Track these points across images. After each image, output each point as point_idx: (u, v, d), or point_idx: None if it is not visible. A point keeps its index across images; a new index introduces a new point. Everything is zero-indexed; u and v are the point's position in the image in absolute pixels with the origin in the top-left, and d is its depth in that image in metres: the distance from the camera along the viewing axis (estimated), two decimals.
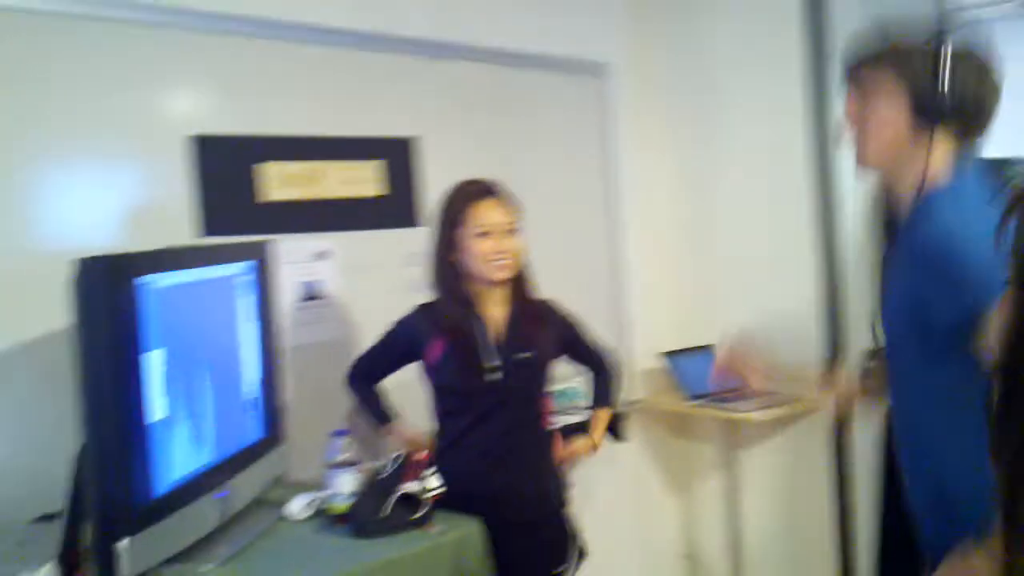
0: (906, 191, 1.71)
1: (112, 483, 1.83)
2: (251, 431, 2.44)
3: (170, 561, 1.99)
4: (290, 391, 2.94)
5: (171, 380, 2.01)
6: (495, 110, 3.60)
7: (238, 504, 2.28)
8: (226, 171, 2.83)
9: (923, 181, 1.66)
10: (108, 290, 1.84)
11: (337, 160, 3.11)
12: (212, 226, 2.78)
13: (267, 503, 2.44)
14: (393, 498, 2.23)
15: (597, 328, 3.01)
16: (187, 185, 2.75)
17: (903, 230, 1.71)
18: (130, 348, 1.88)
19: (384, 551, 2.14)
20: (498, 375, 2.53)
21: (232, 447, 2.30)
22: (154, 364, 1.95)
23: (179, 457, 2.06)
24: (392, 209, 3.24)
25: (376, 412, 2.74)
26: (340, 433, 2.38)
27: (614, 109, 4.04)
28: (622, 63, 4.06)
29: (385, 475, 2.29)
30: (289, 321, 2.97)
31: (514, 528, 2.52)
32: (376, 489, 2.26)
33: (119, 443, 1.84)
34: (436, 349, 2.56)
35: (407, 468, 2.29)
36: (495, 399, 2.53)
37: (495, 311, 2.60)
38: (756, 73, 3.81)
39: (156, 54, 2.69)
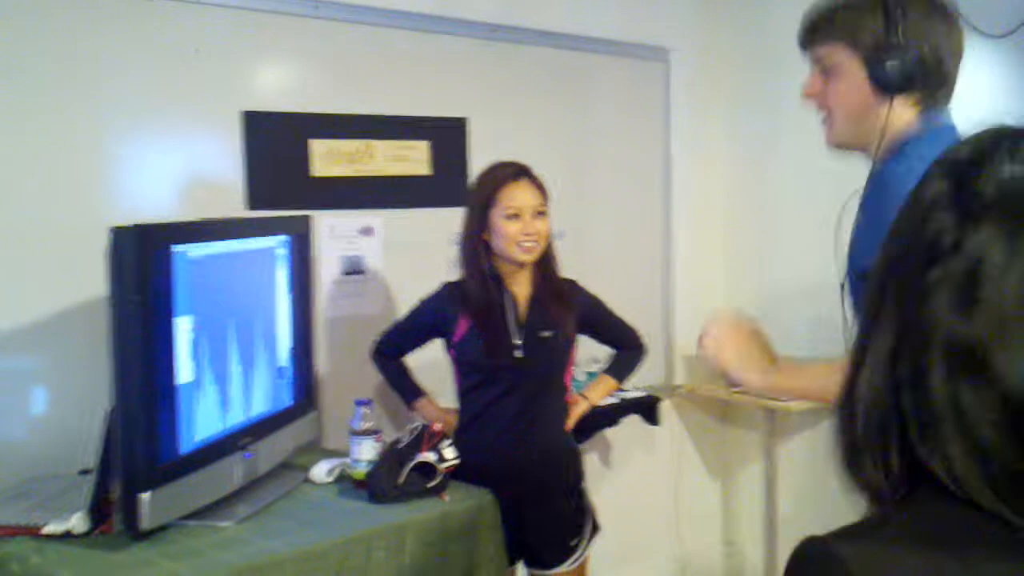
0: (874, 160, 1.67)
1: (137, 440, 1.95)
2: (282, 397, 2.56)
3: (191, 516, 2.12)
4: (327, 361, 3.07)
5: (199, 345, 2.13)
6: (551, 93, 3.66)
7: (263, 466, 2.40)
8: (276, 147, 2.95)
9: (885, 147, 1.62)
10: (139, 258, 1.95)
11: (387, 139, 3.20)
12: (260, 199, 2.90)
13: (294, 467, 2.55)
14: (409, 466, 2.32)
15: (643, 312, 3.04)
16: (239, 159, 2.87)
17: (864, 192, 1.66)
18: (158, 314, 2.00)
19: (396, 516, 2.24)
20: (520, 352, 2.61)
21: (261, 412, 2.42)
22: (182, 330, 2.07)
23: (205, 418, 2.18)
24: (439, 189, 3.32)
25: (404, 387, 2.84)
26: (362, 403, 2.48)
27: (674, 94, 4.07)
28: (684, 48, 4.08)
29: (403, 444, 2.38)
30: (330, 294, 3.08)
31: (531, 500, 2.62)
32: (393, 457, 2.35)
33: (144, 403, 1.96)
34: (461, 326, 2.65)
35: (424, 439, 2.38)
36: (517, 376, 2.62)
37: (520, 290, 2.68)
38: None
39: (211, 32, 2.81)
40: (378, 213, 3.19)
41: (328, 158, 3.06)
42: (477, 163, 3.35)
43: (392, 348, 2.86)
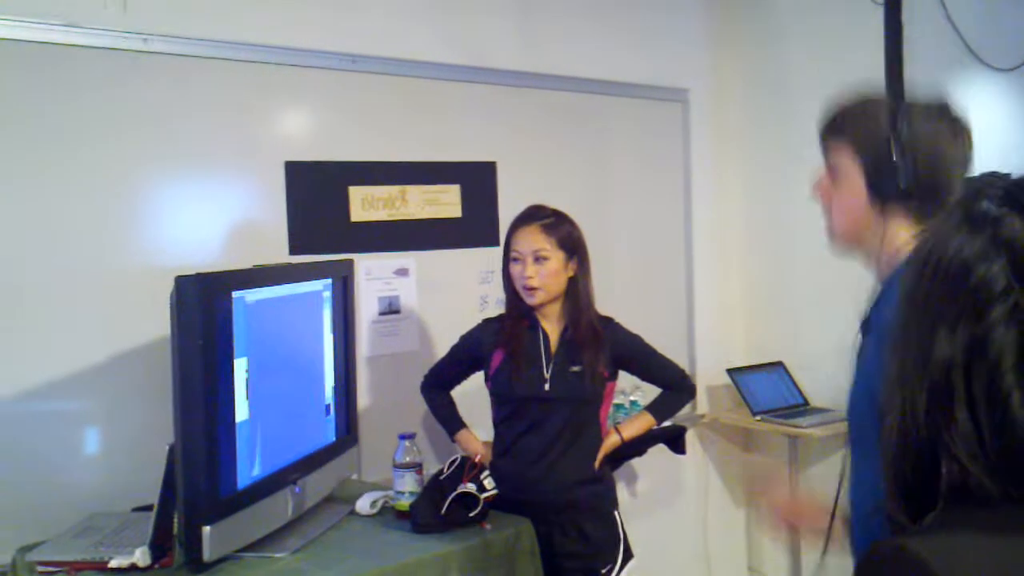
0: (875, 271, 1.65)
1: (199, 475, 2.09)
2: (327, 433, 2.69)
3: (247, 549, 2.25)
4: (367, 397, 3.20)
5: (254, 385, 2.27)
6: (575, 135, 3.81)
7: (311, 499, 2.52)
8: (316, 194, 3.10)
9: (885, 261, 1.59)
10: (201, 304, 2.09)
11: (419, 184, 3.35)
12: (301, 245, 3.05)
13: (339, 500, 2.68)
14: (450, 497, 2.45)
15: (667, 344, 3.14)
16: (282, 207, 3.02)
17: (871, 312, 1.61)
18: (219, 356, 2.14)
19: (439, 545, 2.37)
20: (548, 386, 2.73)
21: (308, 447, 2.55)
22: (239, 371, 2.21)
23: (259, 455, 2.31)
24: (469, 230, 3.47)
25: (446, 419, 2.97)
26: (405, 436, 2.61)
27: (694, 133, 4.21)
28: (702, 88, 4.23)
29: (444, 476, 2.51)
30: (369, 333, 3.22)
31: (561, 528, 2.73)
32: (435, 488, 2.48)
33: (206, 440, 2.10)
34: (496, 359, 2.79)
35: (464, 470, 2.50)
36: (545, 409, 2.74)
37: (552, 327, 2.81)
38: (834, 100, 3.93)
39: (256, 87, 2.97)
40: (412, 255, 3.34)
41: (366, 203, 3.21)
42: (505, 204, 3.51)
43: (438, 381, 3.00)
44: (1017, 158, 4.41)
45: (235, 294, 2.21)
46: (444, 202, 3.43)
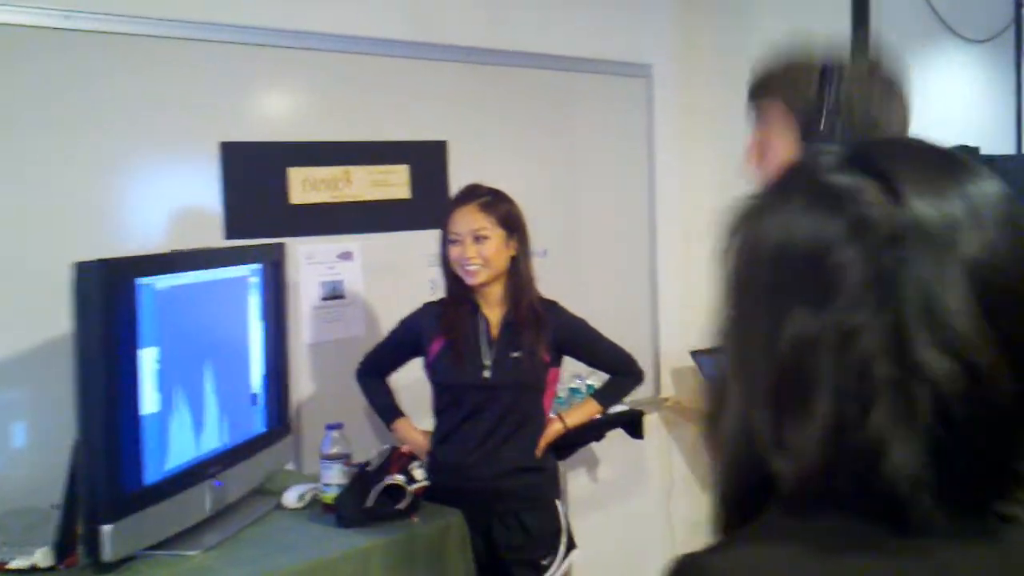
0: None
1: (99, 472, 2.00)
2: (254, 424, 2.60)
3: (159, 546, 2.16)
4: (310, 386, 3.11)
5: (165, 376, 2.17)
6: (533, 113, 3.70)
7: (234, 493, 2.43)
8: (254, 176, 2.99)
9: None
10: (102, 292, 2.00)
11: (365, 164, 3.25)
12: (238, 229, 2.94)
13: (268, 493, 2.59)
14: (377, 489, 2.36)
15: (630, 326, 3.04)
16: (217, 190, 2.92)
17: None
18: (121, 346, 2.04)
19: (362, 539, 2.28)
20: (488, 373, 2.64)
21: (231, 439, 2.46)
22: (147, 361, 2.12)
23: (174, 448, 2.22)
24: (419, 212, 3.36)
25: (382, 408, 2.88)
26: (332, 427, 2.52)
27: (658, 110, 4.10)
28: (666, 63, 4.11)
29: (371, 467, 2.42)
30: (311, 319, 3.13)
31: (500, 519, 2.65)
32: (362, 480, 2.39)
33: (106, 435, 2.00)
34: (435, 346, 2.70)
35: (393, 461, 2.41)
36: (485, 396, 2.65)
37: (493, 312, 2.72)
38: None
39: (188, 65, 2.86)
40: (357, 238, 3.23)
41: (306, 185, 3.11)
42: (457, 185, 3.40)
43: (374, 368, 2.91)
44: (987, 128, 4.31)
45: (141, 281, 2.11)
46: (392, 183, 3.33)
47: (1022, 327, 0.70)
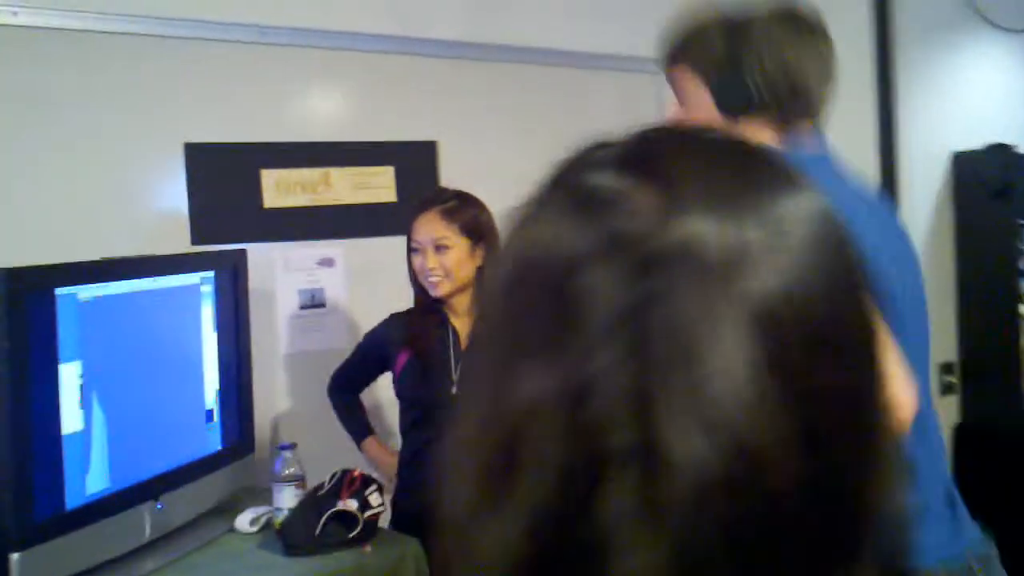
0: None
1: (7, 497, 1.84)
2: (208, 442, 2.43)
3: (89, 573, 2.00)
4: (288, 399, 2.95)
5: (92, 392, 2.02)
6: (534, 111, 3.49)
7: (180, 517, 2.27)
8: (222, 179, 2.84)
9: None
10: (9, 303, 1.84)
11: (347, 166, 3.08)
12: (205, 233, 2.79)
13: (225, 514, 2.42)
14: (326, 515, 2.18)
15: None
16: (182, 193, 2.78)
17: None
18: (36, 361, 1.89)
19: (308, 570, 2.10)
20: (455, 389, 2.45)
21: (177, 459, 2.30)
22: (68, 376, 1.96)
23: (100, 470, 2.06)
24: (405, 215, 3.17)
25: (351, 425, 2.70)
26: (284, 447, 2.35)
27: (668, 109, 3.87)
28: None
29: (322, 492, 2.24)
30: (288, 329, 2.96)
31: None
32: (311, 505, 2.21)
33: (14, 456, 1.84)
34: (401, 359, 2.51)
35: (345, 485, 2.23)
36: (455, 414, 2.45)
37: (462, 324, 2.52)
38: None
39: (148, 63, 2.72)
40: (338, 243, 3.07)
41: (280, 188, 2.95)
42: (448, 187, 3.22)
43: (345, 383, 2.73)
44: (1022, 120, 4.02)
45: (60, 291, 1.95)
46: (376, 185, 3.15)
47: (827, 385, 0.49)
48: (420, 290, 2.53)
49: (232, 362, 2.50)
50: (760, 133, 1.43)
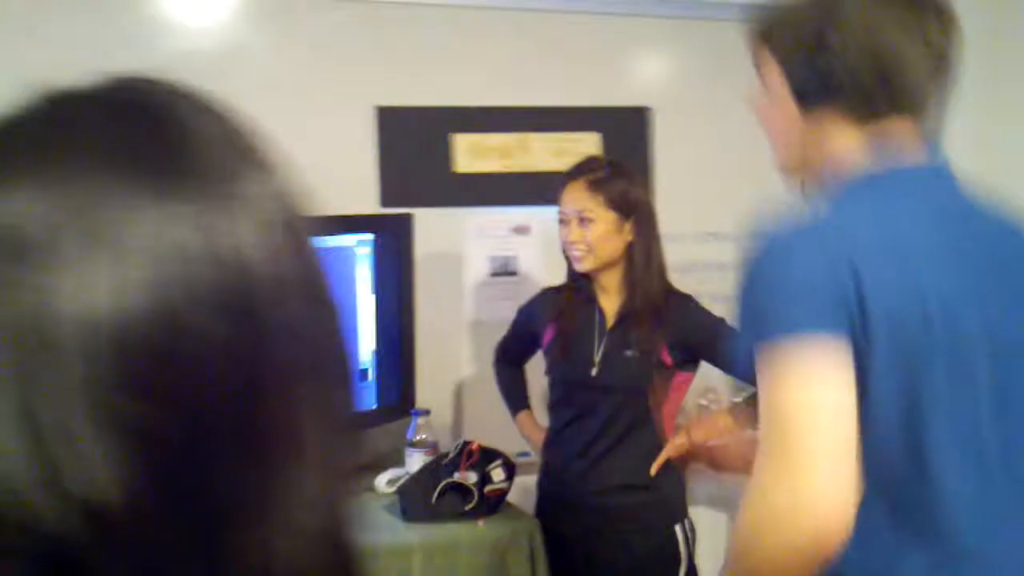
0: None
1: None
2: (361, 400, 2.48)
3: None
4: (472, 365, 2.94)
5: None
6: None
7: None
8: (413, 142, 2.87)
9: (832, 177, 1.22)
10: None
11: (546, 131, 3.01)
12: (394, 196, 2.83)
13: (373, 471, 2.46)
14: (441, 485, 2.15)
15: None
16: (373, 156, 2.83)
17: None
18: None
19: (421, 537, 2.09)
20: (595, 370, 2.31)
21: None
22: None
23: None
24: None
25: (508, 398, 2.63)
26: (417, 413, 2.34)
27: None
28: None
29: (445, 461, 2.21)
30: (476, 296, 2.95)
31: (604, 538, 2.30)
32: (430, 474, 2.19)
33: None
34: (547, 335, 2.42)
35: (464, 457, 2.19)
36: (593, 396, 2.32)
37: (610, 302, 2.37)
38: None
39: (343, 26, 2.78)
40: (535, 211, 3.00)
41: (474, 153, 2.93)
42: (663, 157, 3.07)
43: (505, 356, 2.67)
44: None
45: None
46: (579, 152, 3.04)
47: (200, 421, 0.39)
48: (570, 263, 2.41)
49: (393, 324, 2.53)
50: (836, 128, 1.21)
